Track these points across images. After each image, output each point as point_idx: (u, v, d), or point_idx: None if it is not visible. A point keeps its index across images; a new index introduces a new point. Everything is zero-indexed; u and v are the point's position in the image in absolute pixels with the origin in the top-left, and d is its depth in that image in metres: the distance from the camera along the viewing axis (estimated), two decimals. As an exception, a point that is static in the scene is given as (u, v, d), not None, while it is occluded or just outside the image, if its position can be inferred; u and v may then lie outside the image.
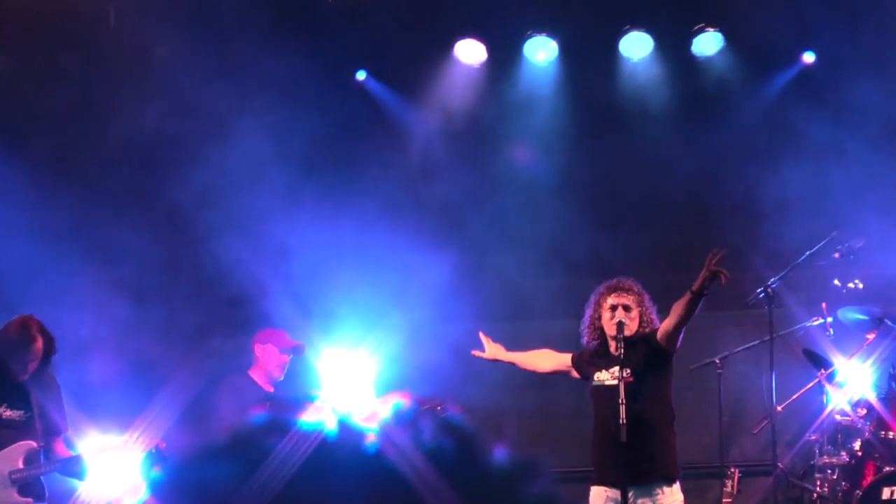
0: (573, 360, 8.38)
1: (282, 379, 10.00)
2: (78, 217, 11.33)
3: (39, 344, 8.18)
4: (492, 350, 8.68)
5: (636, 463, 7.77)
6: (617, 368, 7.84)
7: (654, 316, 8.13)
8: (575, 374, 8.38)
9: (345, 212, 11.71)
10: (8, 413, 8.20)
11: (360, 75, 12.13)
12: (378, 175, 11.84)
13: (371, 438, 1.68)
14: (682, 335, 7.95)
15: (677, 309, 7.80)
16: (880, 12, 11.06)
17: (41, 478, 8.28)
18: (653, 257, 11.32)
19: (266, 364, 9.96)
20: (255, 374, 9.96)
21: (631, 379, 7.78)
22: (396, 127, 12.09)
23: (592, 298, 8.26)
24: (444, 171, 11.98)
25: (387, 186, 11.81)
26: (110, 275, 11.38)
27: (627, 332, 7.93)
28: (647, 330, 8.04)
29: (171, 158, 11.71)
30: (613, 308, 8.02)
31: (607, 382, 7.97)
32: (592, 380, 8.14)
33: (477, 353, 8.70)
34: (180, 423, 9.83)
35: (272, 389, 9.92)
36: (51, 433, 8.33)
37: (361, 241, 11.56)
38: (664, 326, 7.90)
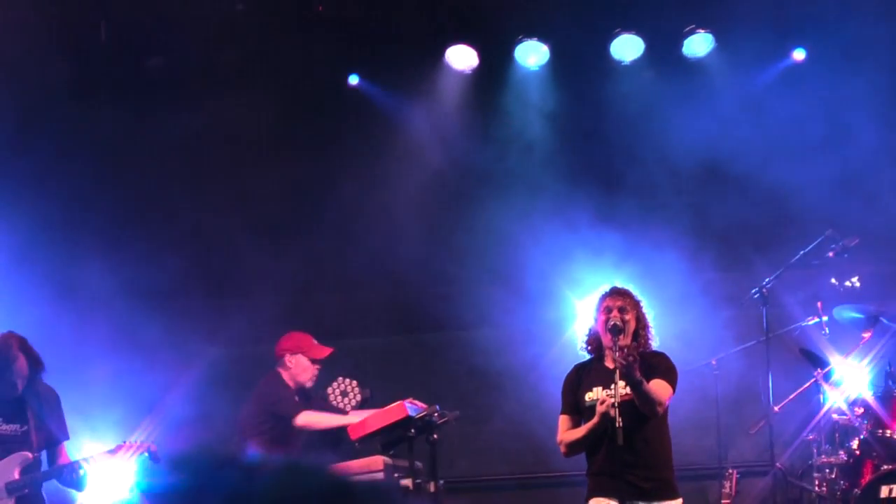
0: (568, 410, 7.91)
1: (311, 387, 9.86)
2: (72, 223, 11.37)
3: (22, 362, 8.18)
4: None
5: (638, 477, 7.63)
6: (614, 385, 7.50)
7: (649, 325, 7.91)
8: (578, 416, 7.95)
9: (336, 216, 11.77)
10: (3, 428, 8.19)
11: (353, 80, 12.11)
12: (371, 180, 11.86)
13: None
14: (668, 392, 7.76)
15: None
16: (867, 7, 11.07)
17: (40, 489, 8.28)
18: (647, 261, 11.31)
19: (297, 374, 9.76)
20: (285, 375, 9.77)
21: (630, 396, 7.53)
22: (389, 132, 12.07)
23: (589, 311, 8.11)
24: (437, 176, 12.00)
25: (381, 191, 11.85)
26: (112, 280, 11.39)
27: (625, 341, 7.65)
28: (645, 346, 7.81)
29: (162, 169, 11.77)
30: (608, 310, 7.86)
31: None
32: (584, 401, 7.80)
33: None
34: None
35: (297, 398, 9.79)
36: (50, 444, 8.34)
37: (353, 245, 11.63)
38: None
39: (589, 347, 8.01)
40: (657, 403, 7.57)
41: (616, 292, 7.96)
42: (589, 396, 7.80)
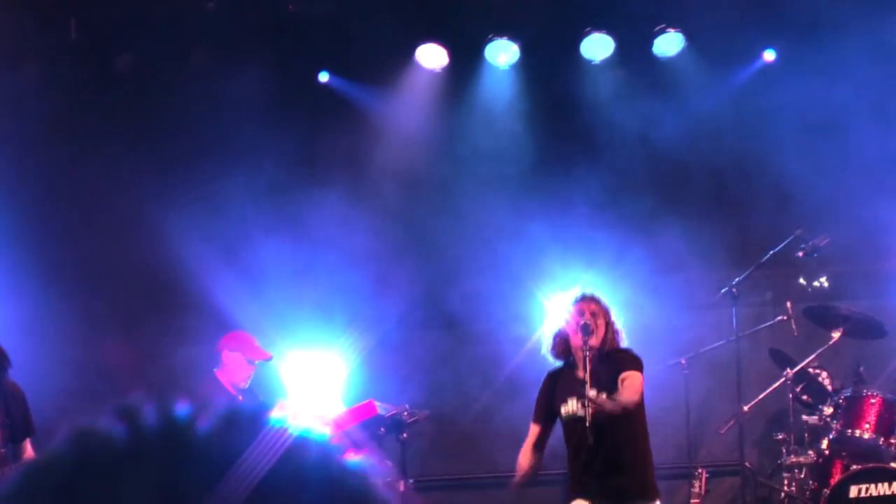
0: (539, 420, 8.05)
1: (246, 388, 9.78)
2: (32, 225, 11.34)
3: None
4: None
5: (615, 478, 7.66)
6: (587, 391, 7.48)
7: (619, 330, 7.97)
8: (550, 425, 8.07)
9: (312, 216, 11.72)
10: (-30, 424, 8.18)
11: (323, 76, 12.10)
12: (344, 179, 11.82)
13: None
14: (637, 386, 7.78)
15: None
16: (839, 8, 11.08)
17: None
18: (617, 260, 11.33)
19: (231, 372, 9.70)
20: (222, 376, 9.71)
21: (605, 407, 7.49)
22: (360, 131, 12.05)
23: (560, 313, 8.12)
24: (408, 176, 11.98)
25: (354, 190, 11.82)
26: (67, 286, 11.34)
27: (594, 342, 7.71)
28: (615, 346, 7.90)
29: (133, 168, 11.71)
30: (581, 313, 7.88)
31: (580, 413, 7.62)
32: (561, 415, 7.83)
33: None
34: None
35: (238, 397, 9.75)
36: (16, 439, 8.33)
37: (330, 245, 11.58)
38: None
39: (555, 351, 8.03)
40: (632, 402, 7.60)
41: (589, 298, 8.01)
42: (564, 409, 7.83)
